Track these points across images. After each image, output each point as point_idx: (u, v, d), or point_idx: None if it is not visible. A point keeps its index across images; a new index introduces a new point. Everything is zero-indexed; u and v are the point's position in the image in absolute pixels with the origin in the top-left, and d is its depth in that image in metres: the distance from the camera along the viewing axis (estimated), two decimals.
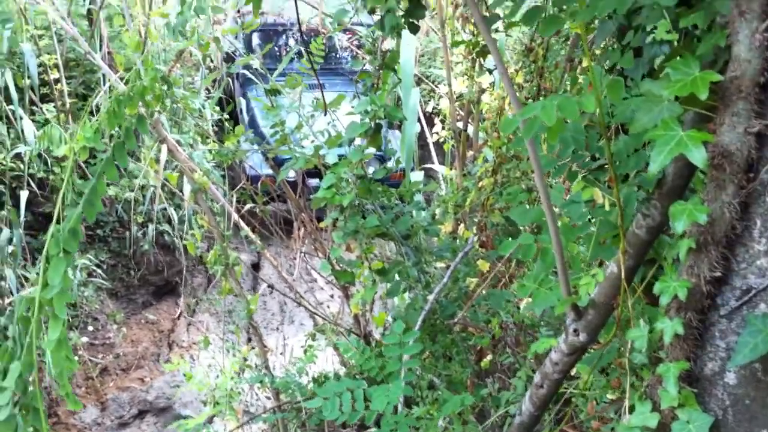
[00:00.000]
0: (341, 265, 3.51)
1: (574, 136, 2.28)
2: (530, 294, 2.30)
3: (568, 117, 1.71)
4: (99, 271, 6.92)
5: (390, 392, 2.29)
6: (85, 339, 6.72)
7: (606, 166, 2.21)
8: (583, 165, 2.32)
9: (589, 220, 2.28)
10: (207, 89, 8.20)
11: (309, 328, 5.51)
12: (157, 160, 4.70)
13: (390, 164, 3.49)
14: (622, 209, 1.88)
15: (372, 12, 3.19)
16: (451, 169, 5.10)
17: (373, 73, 3.36)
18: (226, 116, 5.41)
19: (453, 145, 5.04)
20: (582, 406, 2.96)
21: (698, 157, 1.53)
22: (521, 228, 3.75)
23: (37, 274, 5.85)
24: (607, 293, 2.03)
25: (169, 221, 7.22)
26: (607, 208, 2.04)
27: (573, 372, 2.81)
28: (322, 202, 3.39)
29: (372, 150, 3.45)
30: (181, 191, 5.80)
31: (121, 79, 3.56)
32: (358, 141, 3.47)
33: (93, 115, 5.05)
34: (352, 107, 3.32)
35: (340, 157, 3.38)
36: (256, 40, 8.54)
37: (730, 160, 1.61)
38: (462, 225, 4.71)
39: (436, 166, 5.43)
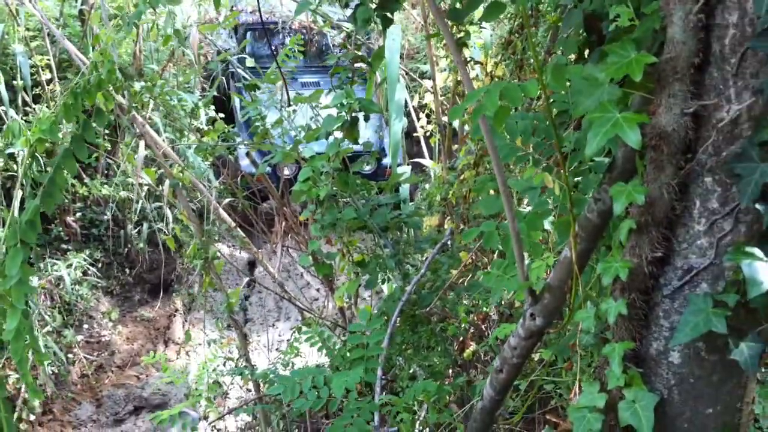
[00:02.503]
0: (320, 258, 3.54)
1: (535, 124, 2.32)
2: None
3: (512, 103, 1.74)
4: (94, 269, 6.97)
5: (349, 378, 2.31)
6: (80, 337, 6.77)
7: (569, 154, 2.24)
8: (546, 153, 2.35)
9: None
10: (203, 88, 8.25)
11: None
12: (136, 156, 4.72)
13: (367, 159, 3.50)
14: (570, 193, 1.90)
15: (346, 5, 3.21)
16: (437, 162, 5.12)
17: (348, 67, 3.39)
18: (221, 115, 5.44)
19: (439, 139, 5.07)
20: (553, 393, 3.00)
21: (633, 138, 1.56)
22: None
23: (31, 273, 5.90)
24: (561, 277, 2.05)
25: (164, 219, 7.26)
26: (557, 192, 2.06)
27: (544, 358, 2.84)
28: (300, 195, 3.42)
29: (355, 146, 3.49)
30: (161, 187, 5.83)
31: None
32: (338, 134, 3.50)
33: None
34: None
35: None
36: (249, 39, 8.58)
37: (667, 141, 1.63)
38: (448, 218, 4.74)
39: (424, 160, 5.45)
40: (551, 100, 2.39)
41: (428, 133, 5.33)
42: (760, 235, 1.62)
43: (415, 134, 5.59)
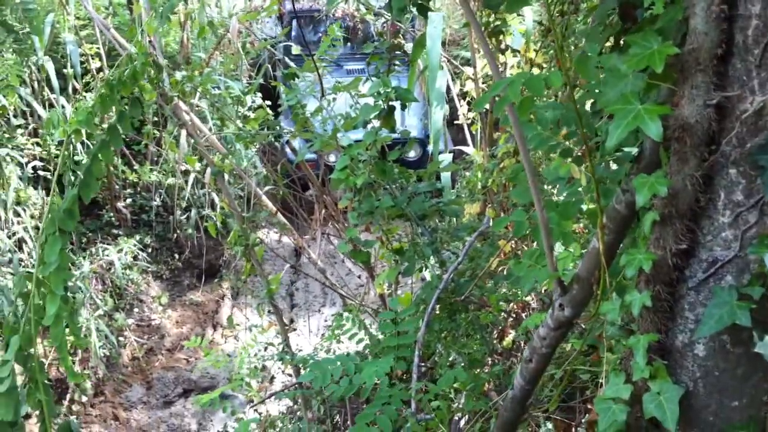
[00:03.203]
0: (358, 245, 3.57)
1: (565, 114, 2.31)
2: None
3: (535, 93, 1.75)
4: (144, 254, 7.12)
5: (379, 367, 2.34)
6: (131, 320, 6.94)
7: (599, 144, 2.23)
8: (578, 143, 2.34)
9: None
10: (249, 75, 8.34)
11: None
12: (178, 145, 4.81)
13: (404, 146, 3.52)
14: (597, 184, 1.90)
15: None
16: (479, 150, 5.11)
17: (385, 55, 3.40)
18: (268, 102, 5.50)
19: (480, 127, 5.06)
20: (589, 383, 2.99)
21: (654, 130, 1.55)
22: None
23: (82, 257, 6.05)
24: (589, 268, 2.05)
25: (212, 205, 7.38)
26: (584, 183, 2.05)
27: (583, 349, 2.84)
28: (339, 183, 3.46)
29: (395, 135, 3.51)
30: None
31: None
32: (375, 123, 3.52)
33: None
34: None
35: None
36: (294, 27, 8.64)
37: (690, 133, 1.61)
38: (489, 206, 4.74)
39: (466, 148, 5.44)
40: (586, 90, 2.38)
41: (470, 121, 5.32)
42: None
43: (457, 122, 5.58)
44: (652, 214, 1.70)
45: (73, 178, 2.37)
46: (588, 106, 2.50)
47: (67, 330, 2.29)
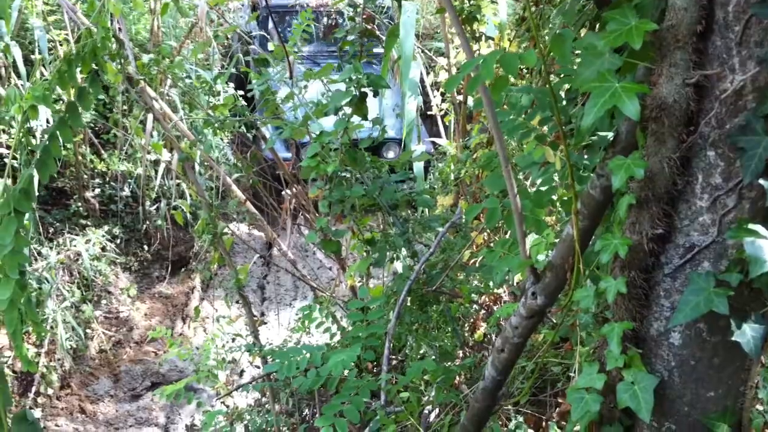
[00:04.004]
0: (328, 235, 3.50)
1: (540, 98, 2.25)
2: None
3: (509, 72, 1.68)
4: (112, 245, 6.99)
5: (346, 357, 2.27)
6: (99, 312, 6.81)
7: (574, 129, 2.18)
8: (552, 129, 2.29)
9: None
10: (222, 65, 8.22)
11: None
12: (144, 129, 4.70)
13: (375, 134, 3.45)
14: (572, 168, 1.84)
15: None
16: (452, 141, 5.05)
17: (356, 41, 3.33)
18: (240, 92, 5.40)
19: (454, 118, 5.00)
20: (560, 375, 2.95)
21: (632, 109, 1.49)
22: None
23: (49, 248, 5.92)
24: (563, 255, 1.99)
25: (182, 196, 7.26)
26: (558, 167, 2.00)
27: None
28: (310, 172, 3.38)
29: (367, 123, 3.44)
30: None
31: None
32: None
33: None
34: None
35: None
36: (270, 21, 8.52)
37: (668, 113, 1.56)
38: (461, 197, 4.68)
39: (439, 139, 5.39)
40: (560, 75, 2.33)
41: (443, 112, 5.26)
42: (765, 211, 1.55)
43: (430, 113, 5.52)
44: (628, 197, 1.65)
45: (29, 157, 2.27)
46: (563, 93, 2.45)
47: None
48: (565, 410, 2.50)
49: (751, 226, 1.52)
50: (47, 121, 5.93)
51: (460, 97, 4.83)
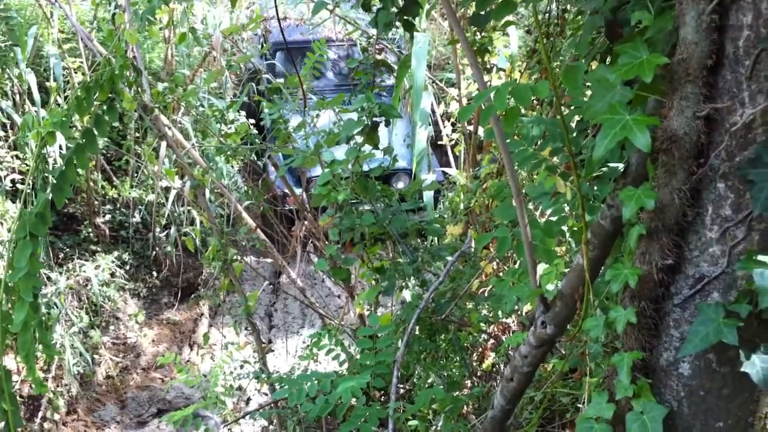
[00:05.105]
0: (337, 262, 3.52)
1: (551, 129, 2.28)
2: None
3: (521, 103, 1.71)
4: (121, 271, 7.02)
5: (355, 383, 2.28)
6: (106, 338, 6.81)
7: (585, 160, 2.20)
8: (563, 159, 2.31)
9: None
10: (234, 94, 8.30)
11: None
12: (157, 156, 4.74)
13: (386, 163, 3.48)
14: (582, 198, 1.86)
15: (367, 9, 3.19)
16: (462, 171, 5.08)
17: (368, 71, 3.37)
18: (252, 121, 5.45)
19: (464, 148, 5.04)
20: (569, 406, 2.94)
21: (642, 141, 1.51)
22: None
23: (59, 273, 5.95)
24: (573, 285, 2.00)
25: (192, 223, 7.29)
26: (569, 197, 2.02)
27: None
28: (321, 199, 3.41)
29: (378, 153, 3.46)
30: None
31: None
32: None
33: None
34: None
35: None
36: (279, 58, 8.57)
37: (678, 145, 1.58)
38: (471, 227, 4.70)
39: (449, 169, 5.42)
40: (571, 107, 2.35)
41: (454, 142, 5.30)
42: None
43: (441, 143, 5.56)
44: (639, 227, 1.66)
45: (44, 183, 2.30)
46: (573, 125, 2.48)
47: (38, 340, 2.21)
48: None
49: (760, 257, 1.53)
50: (60, 147, 5.99)
51: (471, 128, 4.87)
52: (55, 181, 2.27)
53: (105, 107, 2.36)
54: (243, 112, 5.65)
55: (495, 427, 2.29)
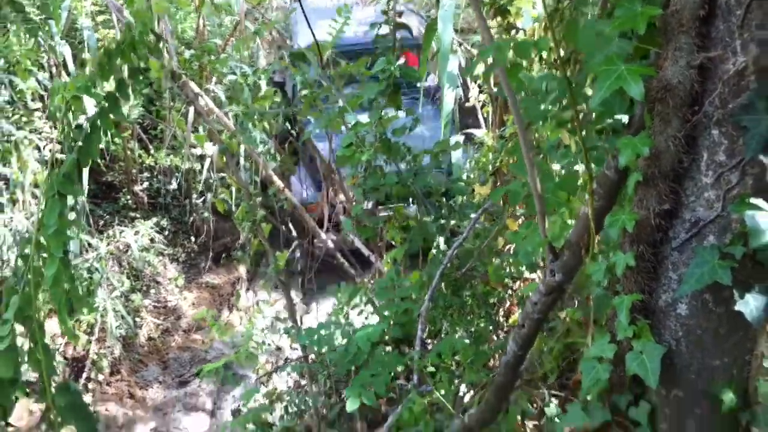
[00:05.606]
0: (363, 222, 3.61)
1: (561, 84, 2.33)
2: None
3: (522, 57, 1.78)
4: (161, 237, 7.21)
5: (372, 332, 2.39)
6: (147, 302, 7.03)
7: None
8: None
9: None
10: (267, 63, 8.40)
11: None
12: (186, 123, 4.86)
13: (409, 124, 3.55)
14: (586, 149, 1.92)
15: None
16: (489, 132, 5.12)
17: (389, 34, 3.43)
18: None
19: (491, 109, 5.08)
20: None
21: (636, 90, 1.58)
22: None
23: (99, 239, 6.14)
24: (580, 234, 2.07)
25: (228, 188, 7.44)
26: (573, 149, 2.08)
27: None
28: (345, 161, 3.50)
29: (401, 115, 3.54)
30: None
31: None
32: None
33: None
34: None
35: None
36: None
37: (673, 94, 1.64)
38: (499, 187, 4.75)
39: (476, 130, 5.46)
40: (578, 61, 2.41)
41: (481, 104, 5.34)
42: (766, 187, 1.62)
43: (467, 104, 5.60)
44: (636, 174, 1.73)
45: (72, 146, 2.42)
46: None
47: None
48: (578, 379, 2.58)
49: (752, 200, 1.59)
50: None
51: (496, 88, 4.91)
52: (81, 144, 2.38)
53: (129, 73, 2.47)
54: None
55: (508, 371, 2.39)
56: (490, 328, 3.74)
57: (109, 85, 2.39)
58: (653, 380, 1.73)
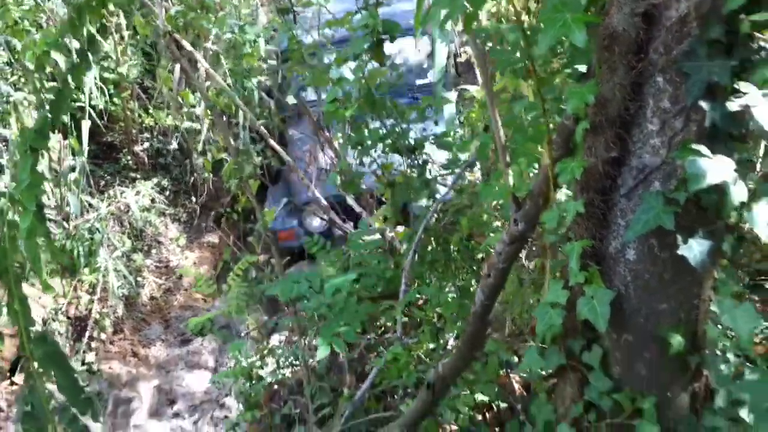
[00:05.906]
0: (348, 177, 3.64)
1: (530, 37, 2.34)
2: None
3: (475, 7, 1.79)
4: (161, 197, 7.27)
5: (341, 280, 2.43)
6: (149, 261, 7.11)
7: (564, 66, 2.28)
8: (542, 66, 2.39)
9: None
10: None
11: None
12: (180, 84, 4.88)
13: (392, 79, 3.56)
14: (542, 99, 1.95)
15: None
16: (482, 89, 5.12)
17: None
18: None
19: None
20: None
21: (579, 38, 1.59)
22: None
23: (100, 200, 6.20)
24: (542, 184, 2.11)
25: (226, 149, 7.47)
26: (531, 99, 2.10)
27: None
28: (331, 117, 3.52)
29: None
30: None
31: None
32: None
33: None
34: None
35: None
36: None
37: (618, 42, 1.66)
38: None
39: (469, 86, 5.46)
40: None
41: (471, 59, 5.33)
42: (710, 133, 1.65)
43: (459, 59, 5.60)
44: (584, 123, 1.76)
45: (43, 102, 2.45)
46: None
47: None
48: (535, 326, 2.62)
49: (694, 146, 1.62)
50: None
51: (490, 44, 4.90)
52: (52, 99, 2.42)
53: (98, 28, 2.50)
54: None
55: (477, 321, 2.43)
56: (473, 281, 3.78)
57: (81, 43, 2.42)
58: (602, 324, 1.77)
